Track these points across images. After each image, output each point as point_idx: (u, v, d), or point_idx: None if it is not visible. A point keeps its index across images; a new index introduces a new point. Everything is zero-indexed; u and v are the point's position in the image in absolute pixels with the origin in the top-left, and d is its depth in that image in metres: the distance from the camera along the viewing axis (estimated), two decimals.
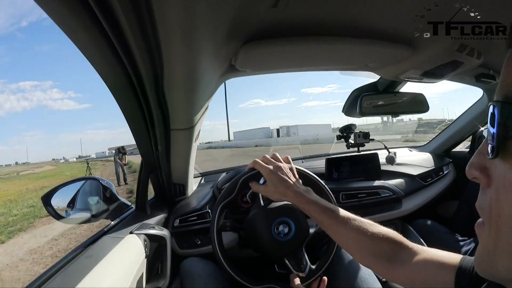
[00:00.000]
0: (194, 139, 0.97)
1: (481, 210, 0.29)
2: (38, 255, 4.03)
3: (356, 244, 0.59)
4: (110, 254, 0.68)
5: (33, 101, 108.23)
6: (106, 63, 0.51)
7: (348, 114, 1.19)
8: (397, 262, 0.53)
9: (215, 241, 0.82)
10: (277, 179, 0.70)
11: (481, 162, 0.28)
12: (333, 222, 0.61)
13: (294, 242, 0.83)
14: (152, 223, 0.97)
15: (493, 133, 0.26)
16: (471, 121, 1.51)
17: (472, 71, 0.98)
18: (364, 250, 0.58)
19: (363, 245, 0.58)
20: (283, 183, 0.69)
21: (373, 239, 0.57)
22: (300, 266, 0.82)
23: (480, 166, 0.28)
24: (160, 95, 0.67)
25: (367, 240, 0.57)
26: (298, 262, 0.83)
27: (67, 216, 0.92)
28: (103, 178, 0.97)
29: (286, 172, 0.72)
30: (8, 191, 14.60)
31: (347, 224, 0.60)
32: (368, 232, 0.57)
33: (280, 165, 0.73)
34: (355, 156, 1.45)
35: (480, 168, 0.28)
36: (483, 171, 0.28)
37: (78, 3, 0.36)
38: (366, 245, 0.57)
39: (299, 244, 0.84)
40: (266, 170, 0.72)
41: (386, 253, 0.55)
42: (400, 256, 0.54)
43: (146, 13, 0.42)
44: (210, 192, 1.23)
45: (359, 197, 1.26)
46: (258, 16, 0.57)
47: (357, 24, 0.67)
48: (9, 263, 3.85)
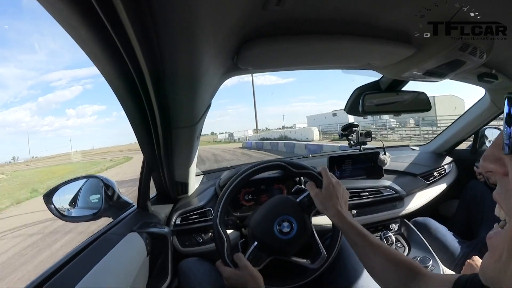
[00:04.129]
0: (196, 137, 0.97)
1: (501, 199, 0.30)
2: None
3: (381, 270, 0.65)
4: (112, 253, 0.68)
5: (234, 78, 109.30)
6: (107, 61, 0.51)
7: (350, 113, 1.19)
8: (413, 286, 0.59)
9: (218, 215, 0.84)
10: (332, 193, 0.78)
11: (496, 154, 0.29)
12: (366, 245, 0.67)
13: (291, 243, 0.83)
14: (154, 221, 0.98)
15: (510, 132, 0.26)
16: (474, 120, 1.50)
17: (475, 70, 0.98)
18: (388, 274, 0.64)
19: (388, 270, 0.63)
20: (334, 199, 0.77)
21: (397, 264, 0.62)
22: (254, 263, 0.81)
23: (495, 158, 0.29)
24: (162, 93, 0.66)
25: (391, 267, 0.63)
26: (257, 260, 0.83)
27: (69, 214, 0.92)
28: (105, 177, 0.97)
29: (342, 193, 0.80)
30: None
31: (377, 250, 0.66)
32: (394, 259, 0.63)
33: (341, 184, 0.82)
34: (357, 154, 1.45)
35: (495, 160, 0.29)
36: (498, 162, 0.28)
37: (80, 0, 0.36)
38: (390, 271, 0.63)
39: (284, 252, 0.85)
40: (329, 181, 0.80)
41: (405, 279, 0.60)
42: (415, 281, 0.59)
43: (148, 11, 0.41)
44: (212, 191, 1.23)
45: (361, 196, 1.26)
46: (260, 14, 0.57)
47: (360, 22, 0.66)
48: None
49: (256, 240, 0.84)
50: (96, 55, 0.49)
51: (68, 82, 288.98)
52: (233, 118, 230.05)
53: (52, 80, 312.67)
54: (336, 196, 0.77)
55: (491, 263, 0.29)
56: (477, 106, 1.46)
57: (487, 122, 1.51)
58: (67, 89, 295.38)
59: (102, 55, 0.49)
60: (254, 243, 0.83)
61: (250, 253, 0.82)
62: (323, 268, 0.86)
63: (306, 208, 0.86)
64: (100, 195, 0.94)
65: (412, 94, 1.13)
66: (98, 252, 0.68)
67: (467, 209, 1.43)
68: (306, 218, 0.86)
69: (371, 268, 0.68)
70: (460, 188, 1.52)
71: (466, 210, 1.44)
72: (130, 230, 0.81)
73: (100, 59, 0.50)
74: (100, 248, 0.71)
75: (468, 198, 1.43)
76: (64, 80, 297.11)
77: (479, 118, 1.47)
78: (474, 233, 1.34)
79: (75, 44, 0.44)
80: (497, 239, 0.29)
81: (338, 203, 0.76)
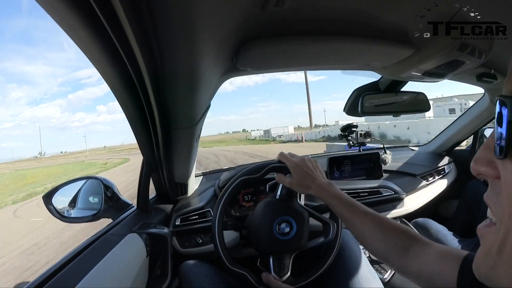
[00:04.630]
0: (196, 138, 0.97)
1: (492, 202, 0.28)
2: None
3: (371, 238, 0.62)
4: (111, 253, 0.68)
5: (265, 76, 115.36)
6: (106, 62, 0.51)
7: (349, 114, 1.19)
8: (408, 254, 0.56)
9: (217, 216, 0.82)
10: (302, 172, 0.74)
11: (488, 157, 0.27)
12: (352, 216, 0.65)
13: (290, 244, 0.83)
14: (153, 222, 0.98)
15: (501, 133, 0.24)
16: (473, 120, 1.51)
17: (474, 70, 0.98)
18: (379, 244, 0.61)
19: (377, 239, 0.61)
20: (308, 176, 0.73)
21: (387, 233, 0.60)
22: (281, 271, 0.81)
23: (487, 161, 0.27)
24: (161, 94, 0.67)
25: (381, 234, 0.60)
26: (281, 266, 0.82)
27: (68, 215, 0.92)
28: (105, 178, 0.97)
29: (311, 166, 0.75)
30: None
31: (365, 218, 0.63)
32: (383, 227, 0.61)
33: (305, 158, 0.77)
34: (356, 155, 1.45)
35: (487, 162, 0.27)
36: (489, 165, 0.27)
37: (78, 1, 0.36)
38: (381, 239, 0.60)
39: (291, 249, 0.84)
40: (292, 163, 0.76)
41: (399, 245, 0.58)
42: (411, 249, 0.56)
43: (147, 11, 0.42)
44: (211, 191, 1.23)
45: (360, 196, 1.26)
46: (259, 14, 0.57)
47: (359, 23, 0.67)
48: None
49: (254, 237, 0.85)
50: (95, 56, 0.49)
51: (98, 80, 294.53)
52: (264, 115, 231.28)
53: (82, 77, 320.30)
54: (306, 172, 0.73)
55: (482, 257, 0.29)
56: (476, 106, 1.47)
57: (487, 122, 1.51)
58: (97, 86, 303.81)
59: (102, 56, 0.49)
60: (270, 258, 0.83)
61: (273, 267, 0.82)
62: (340, 236, 0.86)
63: (290, 200, 0.85)
64: (100, 196, 0.94)
65: (411, 95, 1.13)
66: (98, 253, 0.68)
67: (467, 209, 1.43)
68: (305, 224, 0.86)
69: (362, 237, 0.65)
70: (459, 188, 1.52)
71: (466, 210, 1.44)
72: (129, 231, 0.81)
73: (100, 60, 0.50)
74: (99, 249, 0.71)
75: (468, 198, 1.43)
76: (94, 78, 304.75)
77: (478, 118, 1.48)
78: (474, 233, 1.33)
79: None
80: (486, 232, 0.29)
81: (315, 178, 0.73)
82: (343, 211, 0.67)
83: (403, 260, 0.56)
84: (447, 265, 0.48)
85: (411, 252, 0.56)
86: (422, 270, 0.52)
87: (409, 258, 0.55)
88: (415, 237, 0.58)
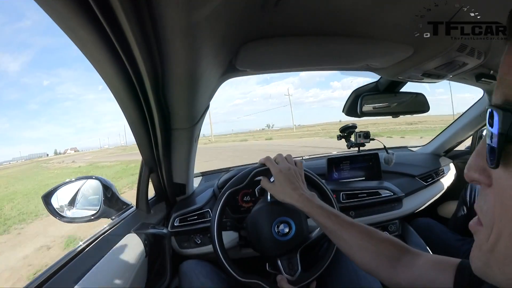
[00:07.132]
0: (195, 139, 0.97)
1: (481, 211, 0.28)
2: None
3: (359, 250, 0.59)
4: (111, 253, 0.68)
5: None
6: (106, 62, 0.51)
7: (348, 114, 1.19)
8: (399, 266, 0.54)
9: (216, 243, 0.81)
10: (284, 180, 0.72)
11: (480, 164, 0.27)
12: (337, 228, 0.62)
13: (291, 243, 0.83)
14: (153, 222, 0.98)
15: (492, 142, 0.24)
16: (472, 121, 1.51)
17: (473, 71, 0.98)
18: (367, 256, 0.58)
19: (366, 250, 0.58)
20: (290, 185, 0.71)
21: (376, 244, 0.57)
22: (291, 269, 0.82)
23: (480, 168, 0.27)
24: (160, 95, 0.67)
25: (370, 246, 0.58)
26: (290, 265, 0.82)
27: (67, 215, 0.92)
28: (104, 178, 0.97)
29: (295, 175, 0.73)
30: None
31: (351, 230, 0.60)
32: (372, 238, 0.58)
33: (290, 166, 0.75)
34: (355, 156, 1.45)
35: (480, 170, 0.27)
36: (483, 172, 0.27)
37: (78, 1, 0.36)
38: (369, 250, 0.58)
39: (295, 247, 0.84)
40: (276, 169, 0.74)
41: (389, 257, 0.56)
42: (402, 260, 0.54)
43: (146, 12, 0.42)
44: (211, 192, 1.23)
45: (359, 197, 1.26)
46: (259, 15, 0.57)
47: (358, 23, 0.67)
48: None
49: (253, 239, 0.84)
50: (94, 57, 0.49)
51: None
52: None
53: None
54: (289, 180, 0.71)
55: (476, 252, 0.29)
56: (476, 107, 1.47)
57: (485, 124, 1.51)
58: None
59: (101, 56, 0.49)
60: (278, 261, 0.83)
61: (283, 268, 0.82)
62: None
63: (282, 204, 0.86)
64: (99, 196, 0.94)
65: (410, 95, 1.13)
66: (97, 253, 0.68)
67: (467, 209, 1.43)
68: (304, 221, 0.86)
69: (349, 250, 0.61)
70: (458, 189, 1.52)
71: (466, 211, 1.44)
72: (128, 231, 0.81)
73: (99, 60, 0.50)
74: (99, 249, 0.71)
75: (468, 198, 1.43)
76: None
77: (477, 119, 1.48)
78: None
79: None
80: (477, 229, 0.29)
81: (297, 187, 0.70)
82: (328, 223, 0.63)
83: (394, 272, 0.54)
84: (442, 273, 0.47)
85: (402, 263, 0.54)
86: (416, 281, 0.51)
87: (400, 269, 0.54)
88: (405, 248, 0.56)
